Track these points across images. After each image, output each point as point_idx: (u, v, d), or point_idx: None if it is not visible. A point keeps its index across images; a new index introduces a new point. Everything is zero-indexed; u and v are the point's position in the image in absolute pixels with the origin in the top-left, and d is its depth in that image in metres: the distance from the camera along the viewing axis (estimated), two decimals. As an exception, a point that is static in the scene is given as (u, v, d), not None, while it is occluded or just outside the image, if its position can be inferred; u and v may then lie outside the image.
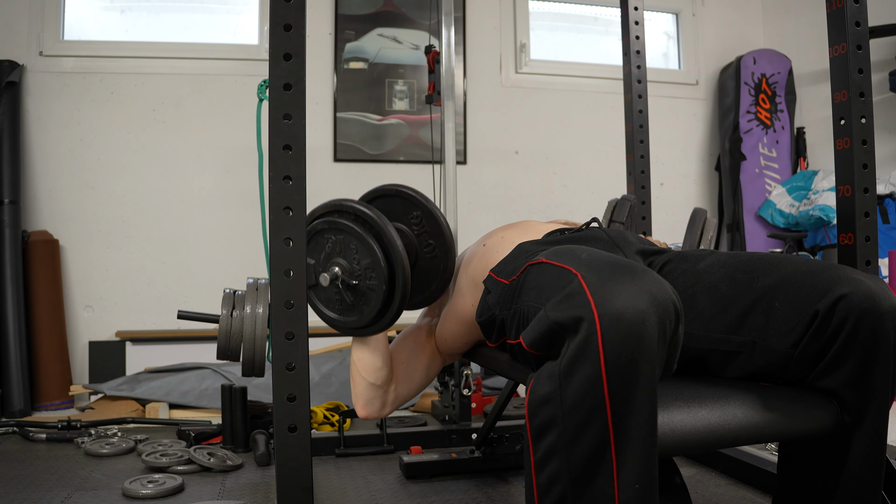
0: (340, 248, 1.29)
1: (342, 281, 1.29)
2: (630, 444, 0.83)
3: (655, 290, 0.84)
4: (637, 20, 2.20)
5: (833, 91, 1.46)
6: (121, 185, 3.18)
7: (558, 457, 0.85)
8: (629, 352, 0.81)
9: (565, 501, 0.86)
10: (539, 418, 0.87)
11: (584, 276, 0.86)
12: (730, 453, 1.83)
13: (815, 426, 0.99)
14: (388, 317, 1.32)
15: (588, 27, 3.94)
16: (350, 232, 1.28)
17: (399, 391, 1.46)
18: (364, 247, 1.27)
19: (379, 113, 3.45)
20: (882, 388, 0.97)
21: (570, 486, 0.85)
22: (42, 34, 3.11)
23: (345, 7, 3.44)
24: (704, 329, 1.08)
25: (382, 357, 1.40)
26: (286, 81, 1.16)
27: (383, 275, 1.26)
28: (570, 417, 0.83)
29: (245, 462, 2.01)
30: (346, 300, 1.31)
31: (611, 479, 0.83)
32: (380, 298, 1.28)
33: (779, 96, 3.86)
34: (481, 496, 1.74)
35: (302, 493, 1.16)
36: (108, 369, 3.03)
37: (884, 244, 3.16)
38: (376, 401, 1.43)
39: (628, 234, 1.37)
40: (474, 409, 2.44)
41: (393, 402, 1.45)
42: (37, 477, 1.87)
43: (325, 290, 1.33)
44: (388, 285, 1.27)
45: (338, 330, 1.37)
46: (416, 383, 1.48)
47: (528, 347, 0.93)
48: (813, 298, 0.97)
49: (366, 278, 1.28)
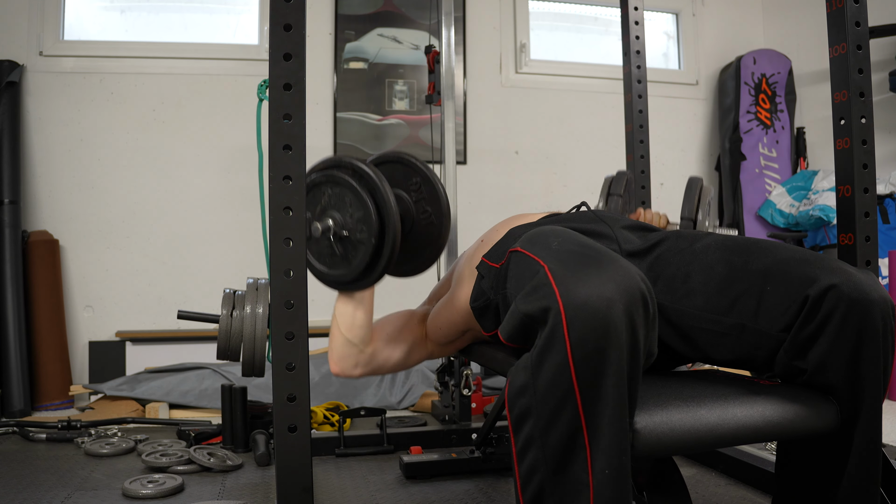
0: (335, 202, 1.31)
1: (334, 233, 1.30)
2: (601, 430, 0.84)
3: (621, 277, 0.86)
4: (637, 20, 2.21)
5: (833, 91, 1.46)
6: (121, 185, 3.18)
7: (535, 446, 0.87)
8: (594, 339, 0.82)
9: (544, 490, 0.87)
10: (517, 409, 0.89)
11: (550, 267, 0.88)
12: (730, 453, 1.83)
13: (815, 425, 0.99)
14: (376, 273, 1.31)
15: (588, 27, 3.94)
16: (346, 185, 1.29)
17: (375, 358, 1.44)
18: (358, 200, 1.28)
19: (379, 113, 3.45)
20: (873, 378, 0.98)
21: (547, 475, 0.87)
22: (42, 34, 3.11)
23: (345, 7, 3.44)
24: (695, 308, 1.09)
25: (364, 316, 1.39)
26: (286, 81, 1.16)
27: (374, 228, 1.26)
28: (543, 406, 0.85)
29: (245, 462, 2.01)
30: (337, 252, 1.32)
31: (585, 466, 0.85)
32: (368, 251, 1.28)
33: (779, 96, 3.86)
34: (481, 496, 1.74)
35: (302, 493, 1.16)
36: (108, 369, 3.03)
37: (884, 244, 3.16)
38: (350, 359, 1.41)
39: (617, 215, 1.38)
40: (474, 409, 2.44)
41: (366, 365, 1.43)
42: (37, 477, 1.87)
43: (318, 243, 1.33)
44: (377, 239, 1.27)
45: (326, 283, 1.37)
46: (393, 360, 1.46)
47: (506, 341, 0.96)
48: (804, 285, 0.98)
49: (357, 231, 1.29)
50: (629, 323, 0.84)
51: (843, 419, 0.99)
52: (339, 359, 1.41)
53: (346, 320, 1.38)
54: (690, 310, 1.10)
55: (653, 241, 1.24)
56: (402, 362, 1.48)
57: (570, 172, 3.71)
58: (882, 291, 0.98)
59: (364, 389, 2.78)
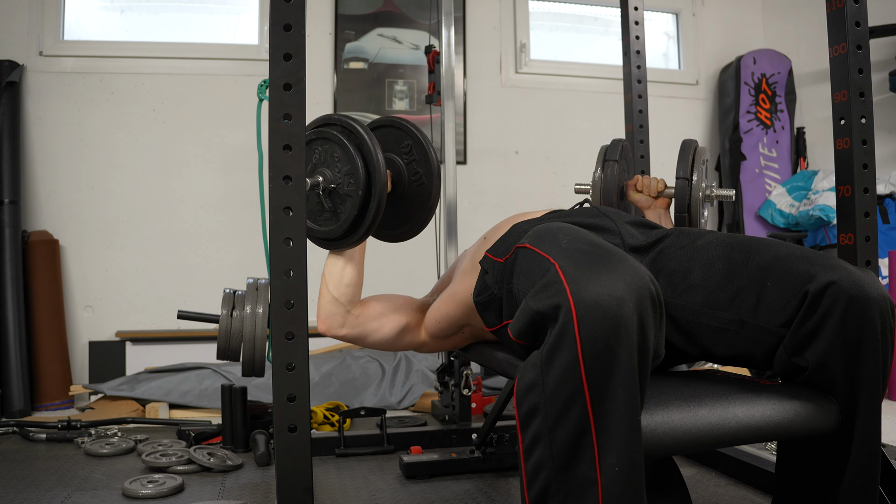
0: (325, 158, 1.34)
1: (323, 188, 1.33)
2: (610, 428, 0.84)
3: (632, 276, 0.86)
4: (637, 20, 2.20)
5: (833, 91, 1.46)
6: (121, 185, 3.18)
7: (542, 443, 0.87)
8: (605, 338, 0.83)
9: (549, 488, 0.87)
10: (525, 406, 0.89)
11: (561, 265, 0.89)
12: (730, 453, 1.83)
13: (815, 425, 0.99)
14: (363, 226, 1.34)
15: (588, 27, 3.94)
16: (335, 140, 1.33)
17: (363, 324, 1.44)
18: (346, 154, 1.31)
19: (379, 113, 3.45)
20: (872, 376, 0.98)
21: (554, 472, 0.87)
22: (42, 34, 3.11)
23: (345, 7, 3.45)
24: (695, 303, 1.10)
25: (353, 275, 1.40)
26: (286, 81, 1.16)
27: (360, 181, 1.30)
28: (552, 403, 0.86)
29: (245, 462, 2.01)
30: (325, 207, 1.35)
31: (593, 464, 0.85)
32: (356, 204, 1.31)
33: (779, 96, 3.86)
34: (481, 496, 1.74)
35: (302, 493, 1.16)
36: (108, 369, 3.03)
37: (884, 244, 3.16)
38: (337, 317, 1.42)
39: (621, 211, 1.40)
40: (474, 409, 2.44)
41: (352, 328, 1.43)
42: (37, 477, 1.87)
43: (308, 200, 1.35)
44: (364, 191, 1.30)
45: (315, 242, 1.39)
46: (382, 332, 1.46)
47: (516, 338, 0.96)
48: (804, 281, 0.99)
49: (345, 184, 1.32)
50: (639, 322, 0.85)
51: (843, 418, 0.99)
52: (325, 316, 1.42)
53: (334, 278, 1.40)
54: (690, 305, 1.10)
55: (655, 238, 1.24)
56: (391, 340, 1.48)
57: (569, 172, 3.71)
58: (881, 289, 0.98)
59: (364, 389, 2.78)
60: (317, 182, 1.33)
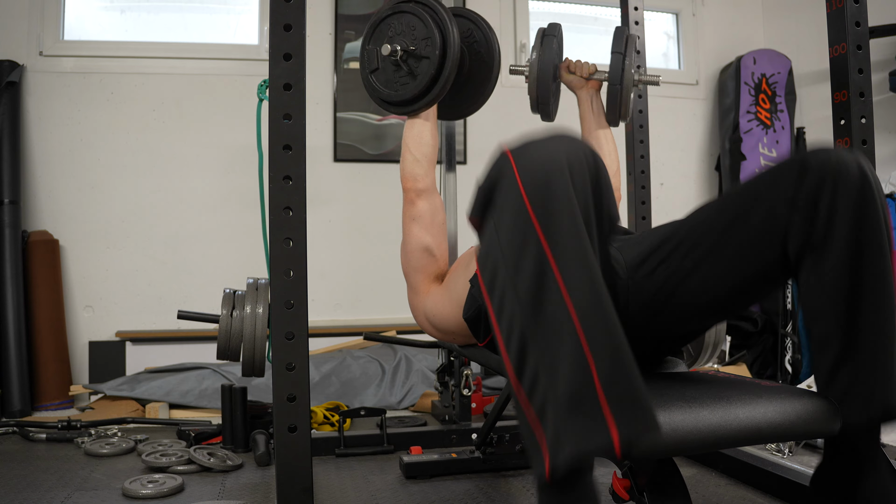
0: (401, 30, 1.48)
1: (400, 54, 1.46)
2: (566, 254, 0.86)
3: (569, 140, 0.94)
4: (637, 20, 2.21)
5: (833, 91, 1.46)
6: (121, 185, 3.18)
7: (509, 297, 0.88)
8: (543, 173, 0.88)
9: (525, 339, 0.86)
10: (487, 270, 0.92)
11: (509, 149, 0.95)
12: (730, 453, 1.83)
13: (816, 427, 0.99)
14: (437, 88, 1.46)
15: (588, 27, 3.94)
16: (411, 12, 1.47)
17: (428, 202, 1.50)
18: (423, 23, 1.45)
19: (379, 113, 3.44)
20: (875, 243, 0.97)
21: (526, 319, 0.86)
22: (42, 34, 3.11)
23: (345, 7, 3.44)
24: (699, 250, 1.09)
25: (430, 134, 1.52)
26: (286, 81, 1.16)
27: (436, 43, 1.43)
28: (508, 248, 0.88)
29: (245, 462, 2.01)
30: (403, 70, 1.48)
31: (560, 296, 0.85)
32: (433, 64, 1.44)
33: (779, 96, 3.86)
34: (481, 496, 1.74)
35: (302, 493, 1.16)
36: (108, 369, 3.03)
37: (884, 244, 3.15)
38: (419, 171, 1.51)
39: None
40: (474, 409, 2.44)
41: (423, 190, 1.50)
42: (37, 477, 1.87)
43: (384, 71, 1.49)
44: (440, 51, 1.43)
45: (392, 110, 1.53)
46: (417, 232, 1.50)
47: (470, 219, 0.98)
48: (797, 165, 1.05)
49: (421, 48, 1.45)
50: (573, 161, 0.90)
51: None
52: (409, 174, 1.51)
53: (414, 139, 1.51)
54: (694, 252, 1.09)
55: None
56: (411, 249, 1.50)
57: (570, 172, 3.71)
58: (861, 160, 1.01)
59: (364, 389, 2.78)
60: (395, 49, 1.45)
